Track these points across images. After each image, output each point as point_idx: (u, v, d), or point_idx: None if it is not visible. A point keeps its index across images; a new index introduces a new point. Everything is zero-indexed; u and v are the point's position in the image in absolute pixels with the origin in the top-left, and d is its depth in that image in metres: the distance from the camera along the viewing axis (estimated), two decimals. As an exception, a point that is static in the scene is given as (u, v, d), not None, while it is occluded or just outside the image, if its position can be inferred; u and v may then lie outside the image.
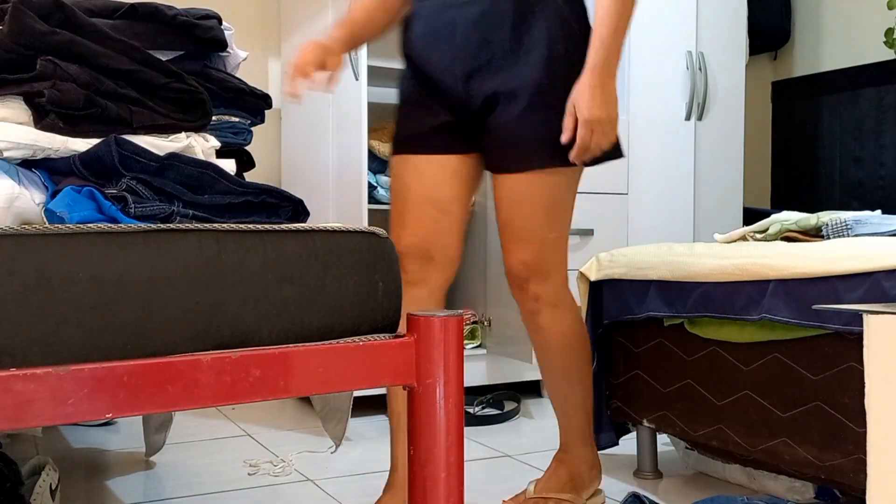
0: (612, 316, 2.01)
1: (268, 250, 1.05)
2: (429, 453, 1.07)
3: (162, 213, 1.09)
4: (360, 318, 1.12)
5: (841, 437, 1.53)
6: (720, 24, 3.30)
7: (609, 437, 2.09)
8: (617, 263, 2.00)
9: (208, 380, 0.94)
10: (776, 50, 4.08)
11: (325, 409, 1.82)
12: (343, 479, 2.01)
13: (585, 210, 2.97)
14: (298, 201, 1.24)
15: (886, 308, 1.00)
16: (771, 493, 1.83)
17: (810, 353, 1.59)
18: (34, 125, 1.12)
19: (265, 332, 1.03)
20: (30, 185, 1.13)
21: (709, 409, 1.80)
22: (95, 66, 1.15)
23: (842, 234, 1.74)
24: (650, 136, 3.14)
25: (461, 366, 1.10)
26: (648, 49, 3.14)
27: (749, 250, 1.69)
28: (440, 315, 1.08)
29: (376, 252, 1.15)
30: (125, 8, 1.31)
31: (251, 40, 3.15)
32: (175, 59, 1.38)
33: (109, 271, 0.93)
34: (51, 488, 1.60)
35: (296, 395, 1.02)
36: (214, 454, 2.22)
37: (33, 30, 1.10)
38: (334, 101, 2.67)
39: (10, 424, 0.84)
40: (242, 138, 1.51)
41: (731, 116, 3.34)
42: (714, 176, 3.29)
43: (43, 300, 0.88)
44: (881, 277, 1.43)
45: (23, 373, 0.84)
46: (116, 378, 0.89)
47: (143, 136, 1.20)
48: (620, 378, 2.05)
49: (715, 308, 1.72)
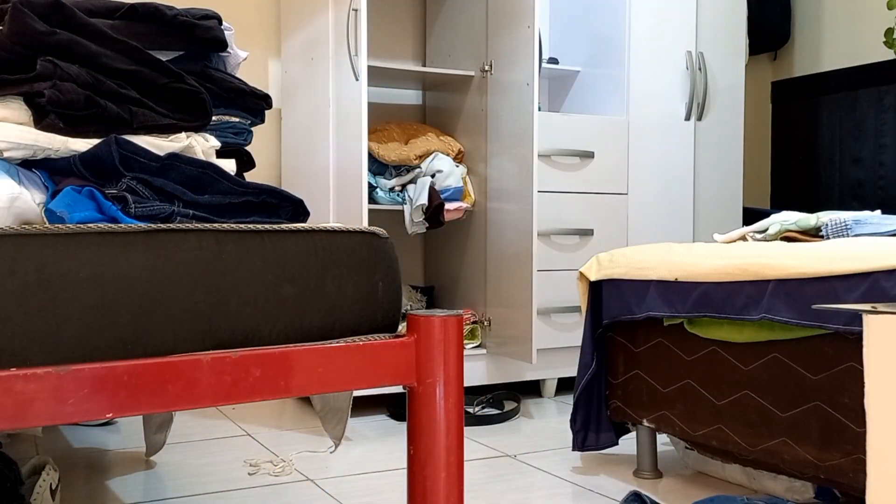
0: (611, 316, 2.01)
1: (268, 250, 1.05)
2: (429, 453, 1.07)
3: (162, 213, 1.09)
4: (360, 318, 1.12)
5: (840, 436, 1.53)
6: (720, 24, 3.31)
7: (609, 437, 2.09)
8: (617, 263, 2.00)
9: (208, 380, 0.94)
10: (776, 50, 4.08)
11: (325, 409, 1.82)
12: (343, 479, 2.01)
13: (585, 210, 2.97)
14: (298, 201, 1.24)
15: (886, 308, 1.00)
16: (770, 492, 1.83)
17: (810, 352, 1.59)
18: (34, 125, 1.12)
19: (265, 332, 1.03)
20: (30, 186, 1.13)
21: (708, 408, 1.81)
22: (95, 67, 1.16)
23: (841, 234, 1.74)
24: (650, 137, 3.14)
25: (461, 366, 1.10)
26: (648, 49, 3.14)
27: (749, 250, 1.70)
28: (440, 315, 1.08)
29: (376, 252, 1.15)
30: (125, 8, 1.31)
31: (251, 40, 3.15)
32: (175, 59, 1.38)
33: (109, 271, 0.93)
34: (51, 488, 1.60)
35: (296, 395, 1.02)
36: (214, 454, 2.22)
37: (33, 30, 1.10)
38: (334, 101, 2.67)
39: (11, 424, 0.84)
40: (243, 138, 1.51)
41: (730, 116, 3.34)
42: (714, 176, 3.29)
43: (43, 300, 0.88)
44: (881, 277, 1.43)
45: (23, 372, 0.84)
46: (117, 378, 0.89)
47: (144, 137, 1.20)
48: (620, 378, 2.05)
49: (715, 308, 1.72)
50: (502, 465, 2.15)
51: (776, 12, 3.93)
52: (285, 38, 3.12)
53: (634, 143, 3.10)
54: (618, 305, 1.98)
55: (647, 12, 3.14)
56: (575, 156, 2.94)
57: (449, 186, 2.73)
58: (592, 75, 3.26)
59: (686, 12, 3.21)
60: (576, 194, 2.96)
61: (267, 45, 3.21)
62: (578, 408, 2.07)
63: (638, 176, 3.10)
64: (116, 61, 1.17)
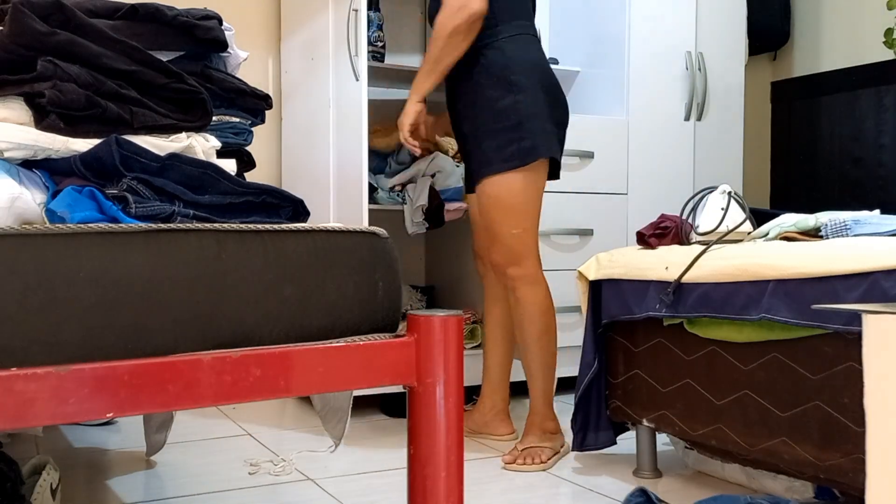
0: (611, 315, 2.01)
1: (268, 250, 1.05)
2: (429, 453, 1.07)
3: (163, 213, 1.09)
4: (360, 318, 1.12)
5: (840, 436, 1.53)
6: (719, 24, 3.31)
7: (607, 437, 2.09)
8: (616, 263, 2.00)
9: (209, 379, 0.94)
10: (775, 50, 4.08)
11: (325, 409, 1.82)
12: (343, 478, 2.01)
13: (585, 210, 2.97)
14: (299, 201, 1.24)
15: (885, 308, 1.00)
16: (770, 492, 1.83)
17: (809, 352, 1.59)
18: (35, 126, 1.12)
19: (265, 332, 1.04)
20: (31, 186, 1.13)
21: (708, 408, 1.81)
22: (96, 67, 1.16)
23: (841, 234, 1.74)
24: (649, 137, 3.14)
25: (461, 366, 1.10)
26: (648, 49, 3.14)
27: (749, 250, 1.70)
28: (440, 315, 1.08)
29: (376, 252, 1.15)
30: (125, 8, 1.31)
31: (251, 40, 3.15)
32: (175, 59, 1.38)
33: (110, 271, 0.93)
34: (51, 488, 1.60)
35: (296, 394, 1.02)
36: (215, 454, 2.22)
37: (34, 30, 1.10)
38: (334, 101, 2.68)
39: (12, 424, 0.84)
40: (243, 138, 1.51)
41: (730, 117, 3.34)
42: (713, 176, 3.29)
43: (44, 300, 0.88)
44: (880, 277, 1.43)
45: (24, 372, 0.84)
46: (117, 377, 0.89)
47: (144, 137, 1.20)
48: (620, 377, 2.05)
49: (714, 308, 1.72)
50: (502, 464, 2.15)
51: (776, 12, 3.93)
52: (285, 38, 3.12)
53: (634, 143, 3.10)
54: (617, 305, 1.98)
55: (647, 12, 3.14)
56: (575, 156, 2.94)
57: (449, 186, 2.73)
58: (592, 75, 3.26)
59: (686, 13, 3.22)
60: (576, 194, 2.96)
61: (267, 45, 3.21)
62: (579, 408, 2.07)
63: (638, 176, 3.10)
64: (117, 61, 1.17)
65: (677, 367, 1.89)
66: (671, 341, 1.91)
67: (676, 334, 1.89)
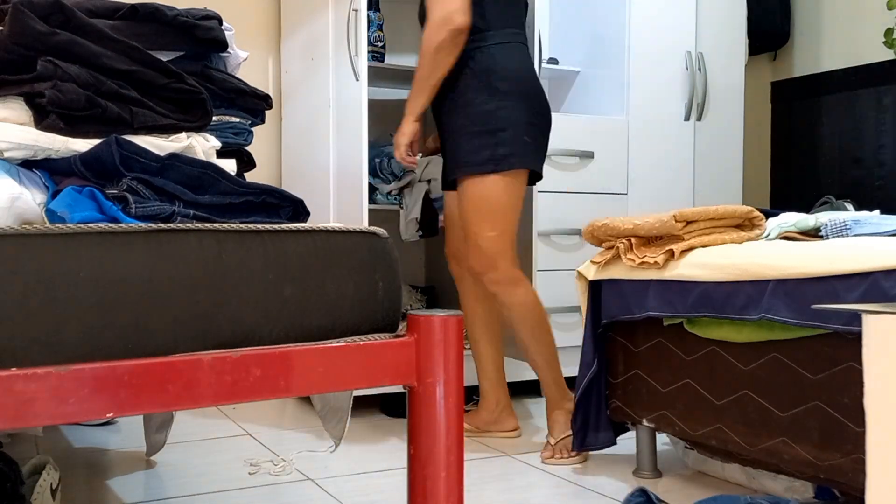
0: (611, 315, 2.01)
1: (268, 250, 1.05)
2: (429, 453, 1.07)
3: (163, 213, 1.09)
4: (360, 318, 1.12)
5: (840, 436, 1.53)
6: (719, 24, 3.31)
7: (607, 436, 2.09)
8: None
9: (209, 379, 0.94)
10: (775, 50, 4.08)
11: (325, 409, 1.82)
12: (343, 478, 2.01)
13: (585, 209, 2.97)
14: (299, 201, 1.24)
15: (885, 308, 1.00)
16: (770, 492, 1.83)
17: (809, 352, 1.59)
18: (35, 126, 1.12)
19: (266, 332, 1.04)
20: (31, 186, 1.13)
21: (708, 408, 1.81)
22: (96, 67, 1.16)
23: (841, 234, 1.74)
24: (649, 137, 3.14)
25: (461, 366, 1.10)
26: (648, 49, 3.14)
27: (749, 250, 1.70)
28: (440, 315, 1.08)
29: (376, 252, 1.15)
30: (125, 8, 1.31)
31: (251, 40, 3.16)
32: (175, 59, 1.38)
33: (110, 271, 0.93)
34: (51, 488, 1.60)
35: (296, 394, 1.02)
36: (214, 454, 2.22)
37: (34, 30, 1.10)
38: (334, 101, 2.68)
39: (11, 424, 0.84)
40: (243, 138, 1.51)
41: (730, 117, 3.34)
42: (713, 176, 3.29)
43: (44, 300, 0.88)
44: (880, 277, 1.43)
45: (24, 372, 0.84)
46: (117, 377, 0.89)
47: (144, 137, 1.20)
48: (620, 378, 2.05)
49: (714, 308, 1.72)
50: (502, 464, 2.15)
51: (776, 12, 3.93)
52: (285, 38, 3.13)
53: (634, 143, 3.10)
54: (617, 305, 1.98)
55: (646, 12, 3.14)
56: (575, 156, 2.94)
57: (444, 193, 2.73)
58: (592, 75, 3.26)
59: (686, 13, 3.22)
60: (576, 194, 2.96)
61: (267, 45, 3.21)
62: (579, 408, 2.07)
63: (638, 176, 3.10)
64: (117, 61, 1.17)
65: (677, 367, 1.89)
66: (671, 341, 1.91)
67: (676, 334, 1.89)
